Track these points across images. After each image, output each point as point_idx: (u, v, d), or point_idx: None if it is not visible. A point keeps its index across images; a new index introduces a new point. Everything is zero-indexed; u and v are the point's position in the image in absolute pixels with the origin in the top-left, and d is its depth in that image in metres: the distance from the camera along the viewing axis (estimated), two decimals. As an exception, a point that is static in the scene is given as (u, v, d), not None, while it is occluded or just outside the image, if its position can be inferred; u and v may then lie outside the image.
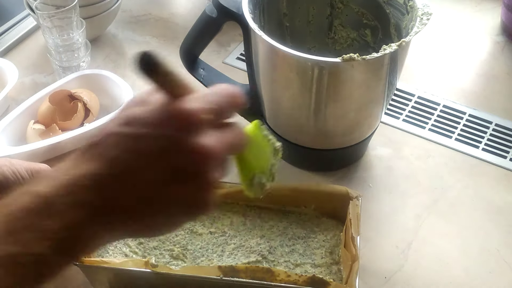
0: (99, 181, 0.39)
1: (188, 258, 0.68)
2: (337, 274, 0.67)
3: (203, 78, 0.83)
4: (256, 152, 0.57)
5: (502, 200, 0.80)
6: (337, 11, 0.84)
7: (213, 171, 0.42)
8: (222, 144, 0.43)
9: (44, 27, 0.89)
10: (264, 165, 0.59)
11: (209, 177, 0.42)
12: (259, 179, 0.57)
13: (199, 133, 0.41)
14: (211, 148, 0.41)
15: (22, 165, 0.55)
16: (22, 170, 0.55)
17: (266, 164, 0.59)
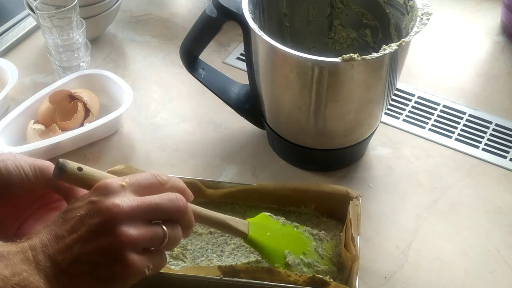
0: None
1: (188, 258, 0.68)
2: (337, 274, 0.66)
3: (203, 78, 0.83)
4: (274, 235, 0.65)
5: (502, 200, 0.80)
6: (337, 11, 0.84)
7: (126, 228, 0.48)
8: (136, 202, 0.49)
9: (44, 27, 0.89)
10: (302, 246, 0.66)
11: (120, 233, 0.48)
12: (300, 259, 0.64)
13: (112, 195, 0.49)
14: (120, 204, 0.48)
15: (26, 161, 0.55)
16: (26, 166, 0.55)
17: (305, 246, 0.66)
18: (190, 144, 0.87)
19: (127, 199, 0.49)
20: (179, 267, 0.67)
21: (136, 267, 0.49)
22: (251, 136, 0.88)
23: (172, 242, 0.52)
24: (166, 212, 0.51)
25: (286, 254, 0.64)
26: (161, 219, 0.51)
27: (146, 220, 0.50)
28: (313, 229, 0.69)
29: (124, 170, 0.72)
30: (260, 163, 0.84)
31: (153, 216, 0.50)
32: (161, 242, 0.51)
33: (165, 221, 0.51)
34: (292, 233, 0.66)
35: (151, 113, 0.92)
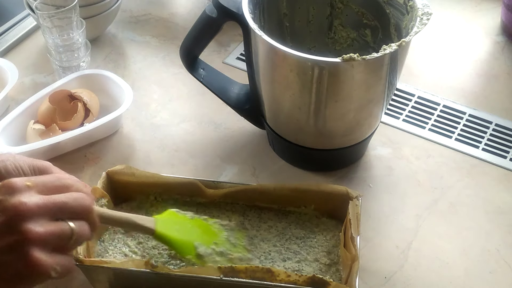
0: None
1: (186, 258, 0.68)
2: (336, 274, 0.67)
3: (203, 78, 0.83)
4: (183, 230, 0.66)
5: (502, 200, 0.80)
6: (337, 11, 0.84)
7: (32, 225, 0.47)
8: (43, 200, 0.49)
9: (44, 27, 0.89)
10: (212, 237, 0.67)
11: (25, 230, 0.47)
12: (212, 249, 0.66)
13: (18, 194, 0.48)
14: (26, 202, 0.48)
15: (25, 161, 0.55)
16: (25, 166, 0.55)
17: (215, 237, 0.68)
18: (190, 144, 0.87)
19: (33, 198, 0.49)
20: (178, 267, 0.67)
21: (42, 266, 0.48)
22: (251, 136, 0.88)
23: (80, 239, 0.52)
24: (72, 210, 0.51)
25: (196, 245, 0.65)
26: (67, 218, 0.51)
27: (53, 218, 0.50)
28: (222, 220, 0.70)
29: (124, 170, 0.72)
30: (260, 163, 0.84)
31: (59, 214, 0.50)
32: (68, 239, 0.50)
33: (71, 219, 0.51)
34: (201, 225, 0.68)
35: (151, 113, 0.92)
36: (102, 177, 0.71)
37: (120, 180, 0.72)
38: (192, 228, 0.67)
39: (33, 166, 0.55)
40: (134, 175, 0.72)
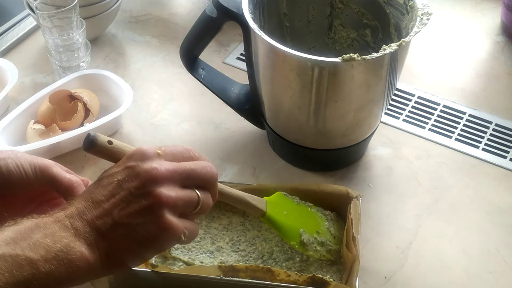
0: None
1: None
2: (337, 274, 0.67)
3: (203, 78, 0.83)
4: (291, 215, 0.67)
5: (502, 200, 0.80)
6: (337, 11, 0.84)
7: (163, 189, 0.49)
8: (173, 166, 0.51)
9: (44, 27, 0.89)
10: (316, 225, 0.67)
11: (158, 193, 0.49)
12: (314, 238, 0.66)
13: (150, 160, 0.51)
14: (158, 168, 0.50)
15: (27, 159, 0.56)
16: (26, 164, 0.55)
17: (318, 226, 0.68)
18: (190, 144, 0.85)
19: (164, 164, 0.51)
20: (177, 266, 0.67)
21: (174, 229, 0.49)
22: (251, 136, 0.88)
23: (204, 208, 0.53)
24: (200, 178, 0.53)
25: (301, 232, 0.65)
26: (195, 185, 0.52)
27: (182, 185, 0.51)
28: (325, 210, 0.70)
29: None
30: (260, 163, 0.84)
31: (188, 181, 0.52)
32: (194, 207, 0.52)
33: (197, 187, 0.52)
34: (306, 212, 0.68)
35: (151, 113, 0.92)
36: (102, 177, 0.71)
37: (120, 180, 0.72)
38: (298, 213, 0.67)
39: (34, 164, 0.56)
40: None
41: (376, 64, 0.69)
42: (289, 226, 0.65)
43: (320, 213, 0.69)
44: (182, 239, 0.51)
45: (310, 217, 0.68)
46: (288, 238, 0.65)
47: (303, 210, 0.68)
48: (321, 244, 0.66)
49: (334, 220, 0.70)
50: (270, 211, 0.64)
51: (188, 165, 0.52)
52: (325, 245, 0.66)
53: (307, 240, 0.65)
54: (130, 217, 0.49)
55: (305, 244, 0.65)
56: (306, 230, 0.66)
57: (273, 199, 0.67)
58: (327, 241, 0.67)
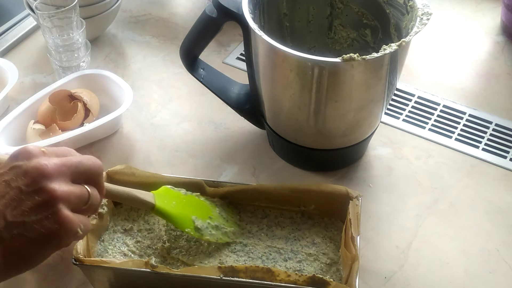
0: None
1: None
2: (337, 274, 0.67)
3: (203, 78, 0.83)
4: (179, 204, 0.68)
5: (502, 200, 0.80)
6: (337, 11, 0.84)
7: (55, 184, 0.49)
8: (61, 161, 0.51)
9: (44, 27, 0.89)
10: (207, 212, 0.69)
11: (50, 188, 0.48)
12: (208, 223, 0.68)
13: (36, 158, 0.50)
14: (46, 163, 0.49)
15: None
16: None
17: (209, 212, 0.69)
18: (190, 144, 0.87)
19: (51, 159, 0.50)
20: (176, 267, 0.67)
21: (71, 223, 0.49)
22: (251, 136, 0.88)
23: (93, 204, 0.53)
24: (87, 169, 0.53)
25: (193, 219, 0.67)
26: (83, 180, 0.52)
27: (71, 179, 0.51)
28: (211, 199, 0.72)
29: (124, 170, 0.72)
30: (260, 163, 0.84)
31: (76, 174, 0.51)
32: (85, 203, 0.52)
33: (85, 182, 0.53)
34: (195, 201, 0.70)
35: (151, 113, 0.92)
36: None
37: (120, 180, 0.72)
38: (187, 203, 0.69)
39: None
40: (134, 175, 0.72)
41: (376, 64, 0.69)
42: (180, 215, 0.66)
43: (208, 201, 0.71)
44: (79, 233, 0.50)
45: (199, 205, 0.70)
46: (181, 226, 0.66)
47: (191, 200, 0.70)
48: (215, 228, 0.68)
49: (224, 205, 0.71)
50: (159, 203, 0.65)
51: (75, 158, 0.52)
52: (220, 228, 0.68)
53: (201, 226, 0.67)
54: (24, 215, 0.48)
55: (199, 230, 0.66)
56: (198, 217, 0.67)
57: (160, 192, 0.67)
58: (220, 225, 0.68)
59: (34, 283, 0.69)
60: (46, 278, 0.69)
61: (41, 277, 0.69)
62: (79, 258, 0.62)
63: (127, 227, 0.71)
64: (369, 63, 0.68)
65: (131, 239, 0.70)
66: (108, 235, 0.70)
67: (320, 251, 0.69)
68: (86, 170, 0.52)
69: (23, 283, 0.69)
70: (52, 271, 0.70)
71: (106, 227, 0.70)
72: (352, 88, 0.71)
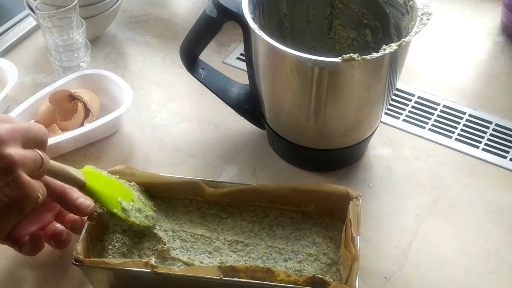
0: None
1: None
2: (337, 274, 0.67)
3: (203, 78, 0.83)
4: (106, 185, 0.67)
5: (502, 200, 0.80)
6: (337, 11, 0.84)
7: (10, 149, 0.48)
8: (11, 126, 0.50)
9: (44, 27, 0.89)
10: (128, 194, 0.69)
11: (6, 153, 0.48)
12: (132, 205, 0.68)
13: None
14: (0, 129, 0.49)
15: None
16: None
17: (131, 195, 0.69)
18: (190, 144, 0.87)
19: (2, 125, 0.50)
20: (176, 267, 0.67)
21: (32, 188, 0.49)
22: (251, 136, 0.88)
23: (45, 168, 0.53)
24: (36, 134, 0.53)
25: (120, 200, 0.67)
26: (32, 144, 0.52)
27: (23, 144, 0.51)
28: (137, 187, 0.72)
29: (124, 170, 0.72)
30: (260, 163, 0.84)
31: (26, 139, 0.52)
32: (40, 167, 0.52)
33: (36, 147, 0.52)
34: (117, 183, 0.70)
35: (151, 113, 0.92)
36: (102, 177, 0.71)
37: (120, 180, 0.72)
38: (111, 184, 0.69)
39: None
40: (134, 175, 0.72)
41: (376, 64, 0.69)
42: (109, 195, 0.66)
43: (127, 184, 0.71)
44: (40, 197, 0.50)
45: (121, 187, 0.70)
46: (110, 206, 0.66)
47: (114, 182, 0.69)
48: (138, 211, 0.68)
49: (140, 190, 0.72)
50: (89, 181, 0.65)
51: (23, 123, 0.52)
52: (141, 211, 0.68)
53: (127, 207, 0.67)
54: None
55: (126, 211, 0.67)
56: (123, 198, 0.67)
57: (87, 170, 0.67)
58: (142, 208, 0.69)
59: (33, 283, 0.69)
60: (45, 278, 0.69)
61: (41, 277, 0.69)
62: (79, 258, 0.62)
63: (125, 227, 0.70)
64: (369, 63, 0.68)
65: (130, 239, 0.70)
66: (108, 235, 0.70)
67: (320, 251, 0.69)
68: (35, 135, 0.52)
69: (22, 283, 0.69)
70: (52, 271, 0.70)
71: (106, 227, 0.70)
72: (352, 88, 0.71)
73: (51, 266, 0.70)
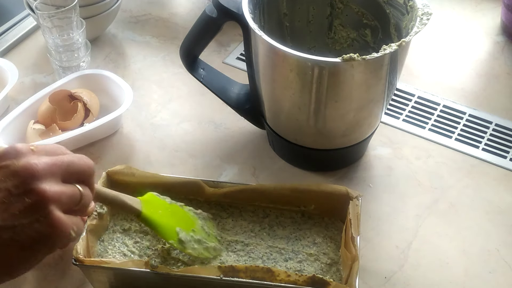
0: None
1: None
2: (337, 274, 0.67)
3: (203, 78, 0.83)
4: (165, 213, 0.67)
5: (502, 200, 0.80)
6: (337, 11, 0.84)
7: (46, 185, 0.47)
8: (51, 160, 0.48)
9: (44, 27, 0.89)
10: (190, 224, 0.68)
11: (41, 189, 0.46)
12: (191, 236, 0.67)
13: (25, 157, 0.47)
14: (36, 162, 0.47)
15: None
16: None
17: (193, 224, 0.68)
18: (190, 144, 0.87)
19: (41, 158, 0.48)
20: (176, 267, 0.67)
21: (63, 226, 0.47)
22: (251, 136, 0.88)
23: (85, 204, 0.51)
24: (78, 169, 0.51)
25: (178, 231, 0.65)
26: (74, 179, 0.50)
27: (62, 179, 0.49)
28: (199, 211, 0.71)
29: (124, 170, 0.72)
30: (260, 163, 0.84)
31: (67, 173, 0.49)
32: (78, 202, 0.50)
33: (77, 182, 0.51)
34: (179, 211, 0.68)
35: (151, 113, 0.92)
36: (102, 177, 0.71)
37: (120, 180, 0.72)
38: (172, 213, 0.67)
39: None
40: (134, 175, 0.72)
41: (376, 64, 0.69)
42: (166, 225, 0.65)
43: (192, 212, 0.70)
44: (72, 235, 0.48)
45: (184, 216, 0.68)
46: (166, 237, 0.65)
47: (176, 209, 0.68)
48: (198, 242, 0.66)
49: (206, 219, 0.70)
50: (145, 210, 0.64)
51: (66, 157, 0.50)
52: (202, 242, 0.67)
53: (184, 238, 0.65)
54: (15, 219, 0.46)
55: (183, 242, 0.65)
56: (182, 228, 0.66)
57: (146, 199, 0.66)
58: (203, 239, 0.67)
59: (34, 283, 0.69)
60: (46, 278, 0.69)
61: (41, 277, 0.69)
62: (79, 258, 0.62)
63: (125, 227, 0.70)
64: (369, 63, 0.68)
65: (130, 239, 0.70)
66: (108, 235, 0.70)
67: (321, 251, 0.69)
68: (77, 170, 0.50)
69: (23, 283, 0.69)
70: (52, 271, 0.70)
71: (106, 227, 0.70)
72: (352, 88, 0.71)
73: (51, 266, 0.70)
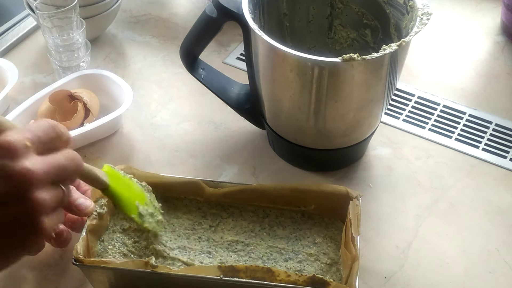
0: None
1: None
2: (337, 274, 0.67)
3: (203, 78, 0.83)
4: (124, 187, 0.63)
5: (502, 200, 0.80)
6: (337, 11, 0.84)
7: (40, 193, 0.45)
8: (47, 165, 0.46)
9: (44, 27, 0.89)
10: (142, 197, 0.65)
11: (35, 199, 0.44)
12: (146, 210, 0.64)
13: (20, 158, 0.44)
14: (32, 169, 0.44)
15: None
16: None
17: (144, 197, 0.66)
18: (190, 144, 0.87)
19: (37, 163, 0.45)
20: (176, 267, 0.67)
21: (47, 232, 0.46)
22: (251, 136, 0.88)
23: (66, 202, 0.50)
24: (69, 173, 0.49)
25: (137, 204, 0.64)
26: (61, 181, 0.49)
27: (51, 183, 0.47)
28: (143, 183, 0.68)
29: (124, 170, 0.72)
30: (260, 163, 0.84)
31: (56, 177, 0.48)
32: (60, 204, 0.49)
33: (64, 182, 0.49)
34: (133, 184, 0.66)
35: (151, 113, 0.92)
36: (102, 177, 0.71)
37: (120, 180, 0.72)
38: (129, 186, 0.65)
39: None
40: (134, 175, 0.72)
41: (376, 64, 0.69)
42: (127, 199, 0.62)
43: (139, 185, 0.67)
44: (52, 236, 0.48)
45: (137, 189, 0.66)
46: (128, 211, 0.63)
47: (130, 183, 0.65)
48: (151, 215, 0.65)
49: (149, 192, 0.68)
50: (111, 183, 0.60)
51: (59, 160, 0.48)
52: (154, 216, 0.65)
53: (143, 212, 0.64)
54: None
55: (142, 216, 0.64)
56: (139, 202, 0.64)
57: (107, 171, 0.62)
58: (154, 212, 0.66)
59: (33, 283, 0.69)
60: (46, 277, 0.69)
61: (41, 277, 0.69)
62: (79, 258, 0.62)
63: (125, 226, 0.70)
64: (369, 63, 0.68)
65: (129, 238, 0.70)
66: (108, 235, 0.70)
67: (321, 251, 0.69)
68: (67, 174, 0.49)
69: (22, 283, 0.69)
70: (52, 271, 0.70)
71: (106, 227, 0.70)
72: (352, 88, 0.71)
73: (51, 266, 0.70)
